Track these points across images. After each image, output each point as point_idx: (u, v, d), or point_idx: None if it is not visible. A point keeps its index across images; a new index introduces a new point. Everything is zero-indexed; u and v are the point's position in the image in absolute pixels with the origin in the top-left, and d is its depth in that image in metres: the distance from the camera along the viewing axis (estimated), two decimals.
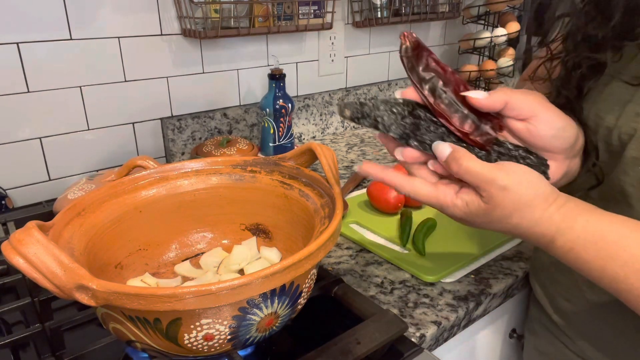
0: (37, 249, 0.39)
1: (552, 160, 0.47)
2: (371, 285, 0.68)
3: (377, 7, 1.28)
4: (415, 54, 0.46)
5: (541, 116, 0.45)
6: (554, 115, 0.46)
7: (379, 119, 0.46)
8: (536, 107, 0.45)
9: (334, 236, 0.47)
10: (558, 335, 0.67)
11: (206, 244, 0.66)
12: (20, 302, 0.58)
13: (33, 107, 0.90)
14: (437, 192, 0.46)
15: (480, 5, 1.45)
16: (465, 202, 0.45)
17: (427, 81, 0.46)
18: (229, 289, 0.39)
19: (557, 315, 0.66)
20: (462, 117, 0.46)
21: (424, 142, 0.46)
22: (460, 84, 0.47)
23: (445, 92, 0.46)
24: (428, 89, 0.46)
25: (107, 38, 0.95)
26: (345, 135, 1.38)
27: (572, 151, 0.48)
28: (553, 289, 0.66)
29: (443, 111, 0.46)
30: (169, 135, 1.06)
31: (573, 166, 0.50)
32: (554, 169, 0.47)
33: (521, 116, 0.45)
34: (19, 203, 0.93)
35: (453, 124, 0.46)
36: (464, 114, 0.46)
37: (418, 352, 0.55)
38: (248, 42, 1.14)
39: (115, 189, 0.58)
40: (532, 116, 0.45)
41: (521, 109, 0.45)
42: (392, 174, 0.47)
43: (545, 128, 0.45)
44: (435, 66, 0.46)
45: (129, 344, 0.47)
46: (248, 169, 0.64)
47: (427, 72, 0.46)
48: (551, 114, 0.45)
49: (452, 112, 0.46)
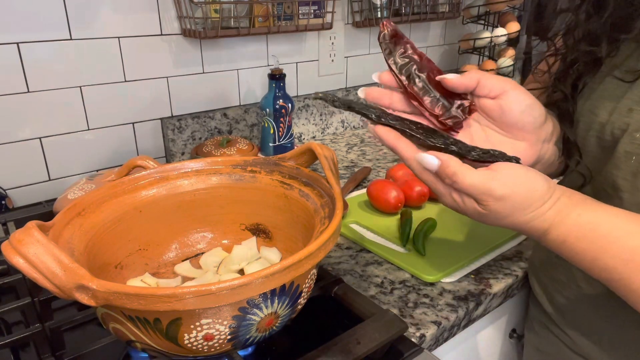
0: (37, 249, 0.39)
1: (523, 142, 0.49)
2: (371, 285, 0.68)
3: (377, 7, 1.28)
4: (394, 41, 0.51)
5: (510, 92, 0.47)
6: (522, 92, 0.48)
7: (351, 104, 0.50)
8: (506, 85, 0.48)
9: (334, 236, 0.47)
10: (557, 334, 0.67)
11: (206, 244, 0.66)
12: (20, 302, 0.58)
13: (33, 107, 0.90)
14: (439, 181, 0.47)
15: (480, 5, 1.45)
16: (462, 199, 0.46)
17: (403, 66, 0.50)
18: (229, 289, 0.39)
19: (556, 313, 0.66)
20: (434, 100, 0.50)
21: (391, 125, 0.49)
22: (434, 70, 0.50)
23: (419, 77, 0.50)
24: (404, 73, 0.50)
25: (107, 38, 0.95)
26: (345, 135, 1.38)
27: (542, 132, 0.50)
28: (551, 287, 0.66)
29: (416, 94, 0.50)
30: (169, 135, 1.06)
31: (546, 152, 0.52)
32: (526, 151, 0.49)
33: (492, 94, 0.48)
34: (19, 203, 0.93)
35: (425, 106, 0.50)
36: (435, 98, 0.50)
37: (418, 352, 0.55)
38: (248, 42, 1.14)
39: (115, 189, 0.58)
40: (502, 93, 0.48)
41: (492, 87, 0.48)
42: (404, 145, 0.48)
43: (514, 103, 0.47)
44: (412, 53, 0.51)
45: (129, 344, 0.47)
46: (248, 169, 0.64)
47: (404, 58, 0.50)
48: (520, 92, 0.48)
49: (424, 95, 0.50)
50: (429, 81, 0.50)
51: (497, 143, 0.49)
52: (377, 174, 1.08)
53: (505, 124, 0.49)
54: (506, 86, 0.47)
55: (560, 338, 0.67)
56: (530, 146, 0.50)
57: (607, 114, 0.52)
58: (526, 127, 0.49)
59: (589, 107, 0.54)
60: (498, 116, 0.48)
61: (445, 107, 0.49)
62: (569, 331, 0.65)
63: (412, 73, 0.50)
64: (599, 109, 0.53)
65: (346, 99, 0.51)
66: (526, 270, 0.73)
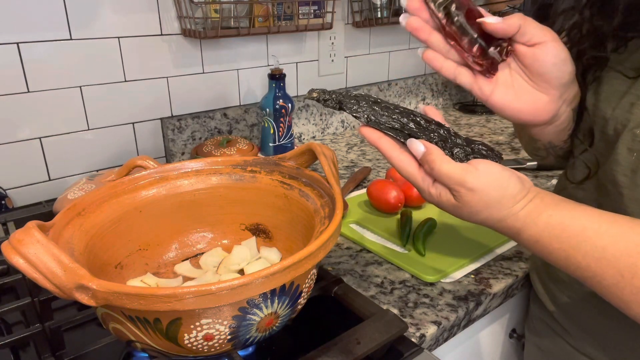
0: (37, 249, 0.39)
1: (545, 95, 0.50)
2: (371, 285, 0.68)
3: (377, 7, 1.28)
4: None
5: (549, 44, 0.47)
6: (560, 46, 0.48)
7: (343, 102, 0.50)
8: (547, 35, 0.47)
9: (334, 236, 0.47)
10: (559, 332, 0.67)
11: (206, 244, 0.66)
12: (20, 302, 0.58)
13: (33, 107, 0.90)
14: (418, 175, 0.49)
15: (480, 5, 1.45)
16: (439, 193, 0.48)
17: (441, 3, 0.48)
18: (229, 289, 0.39)
19: (558, 312, 0.66)
20: (472, 40, 0.48)
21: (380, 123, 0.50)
22: (473, 9, 0.49)
23: (458, 15, 0.48)
24: (442, 10, 0.48)
25: (107, 38, 0.95)
26: (345, 135, 1.38)
27: (566, 91, 0.51)
28: (554, 286, 0.66)
29: (454, 32, 0.48)
30: (169, 135, 1.06)
31: (563, 113, 0.53)
32: (545, 105, 0.50)
33: (531, 42, 0.47)
34: (19, 203, 0.93)
35: (462, 46, 0.49)
36: (473, 38, 0.48)
37: (418, 352, 0.55)
38: (248, 42, 1.14)
39: (115, 189, 0.58)
40: (541, 42, 0.47)
41: (533, 35, 0.47)
42: (386, 143, 0.49)
43: (550, 55, 0.47)
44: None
45: (129, 344, 0.47)
46: (248, 169, 0.64)
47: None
48: (557, 44, 0.48)
49: (462, 35, 0.48)
50: (467, 19, 0.48)
51: (519, 89, 0.50)
52: (377, 174, 1.08)
53: (535, 73, 0.49)
54: (546, 36, 0.47)
55: (562, 337, 0.67)
56: (551, 101, 0.50)
57: (611, 109, 0.52)
58: (553, 81, 0.49)
59: (593, 102, 0.55)
60: (530, 63, 0.48)
61: (482, 48, 0.49)
62: (572, 330, 0.65)
63: (450, 11, 0.48)
64: (603, 103, 0.53)
65: (340, 96, 0.50)
66: (526, 270, 0.73)
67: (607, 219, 0.45)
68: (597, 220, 0.45)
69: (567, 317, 0.65)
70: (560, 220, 0.45)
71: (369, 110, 0.50)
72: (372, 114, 0.49)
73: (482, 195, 0.46)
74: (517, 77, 0.50)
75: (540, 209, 0.46)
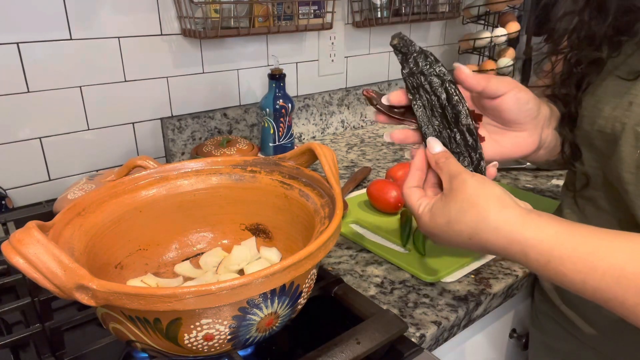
0: (37, 249, 0.39)
1: (523, 132, 0.55)
2: (371, 285, 0.68)
3: (377, 7, 1.28)
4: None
5: (509, 93, 0.53)
6: (520, 91, 0.53)
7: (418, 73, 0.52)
8: (507, 86, 0.53)
9: (334, 236, 0.47)
10: (566, 327, 0.67)
11: (206, 244, 0.66)
12: (20, 302, 0.58)
13: (33, 107, 0.90)
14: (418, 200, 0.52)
15: (480, 5, 1.45)
16: (429, 207, 0.50)
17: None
18: (229, 289, 0.39)
19: (567, 307, 0.66)
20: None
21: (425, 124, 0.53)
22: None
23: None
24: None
25: (107, 38, 0.95)
26: (345, 135, 1.38)
27: (539, 120, 0.56)
28: None
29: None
30: (169, 135, 1.06)
31: (547, 137, 0.58)
32: (526, 139, 0.55)
33: (495, 95, 0.53)
34: (19, 203, 0.93)
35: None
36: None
37: (418, 352, 0.55)
38: (248, 42, 1.14)
39: (115, 189, 0.58)
40: (503, 94, 0.53)
41: (496, 89, 0.53)
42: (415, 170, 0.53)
43: (511, 102, 0.53)
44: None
45: (129, 344, 0.47)
46: (248, 169, 0.64)
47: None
48: (517, 90, 0.53)
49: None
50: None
51: (500, 138, 0.55)
52: (377, 174, 1.08)
53: (505, 120, 0.54)
54: (506, 88, 0.52)
55: (570, 331, 0.67)
56: (530, 134, 0.55)
57: (611, 109, 0.53)
58: (522, 120, 0.54)
59: (594, 103, 0.56)
60: (498, 115, 0.54)
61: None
62: (581, 324, 0.65)
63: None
64: (602, 104, 0.54)
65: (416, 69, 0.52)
66: (527, 270, 0.73)
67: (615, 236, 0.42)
68: (608, 238, 0.42)
69: (576, 312, 0.66)
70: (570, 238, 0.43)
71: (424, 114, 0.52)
72: (424, 118, 0.52)
73: (471, 188, 0.46)
74: (493, 129, 0.56)
75: (543, 224, 0.44)
